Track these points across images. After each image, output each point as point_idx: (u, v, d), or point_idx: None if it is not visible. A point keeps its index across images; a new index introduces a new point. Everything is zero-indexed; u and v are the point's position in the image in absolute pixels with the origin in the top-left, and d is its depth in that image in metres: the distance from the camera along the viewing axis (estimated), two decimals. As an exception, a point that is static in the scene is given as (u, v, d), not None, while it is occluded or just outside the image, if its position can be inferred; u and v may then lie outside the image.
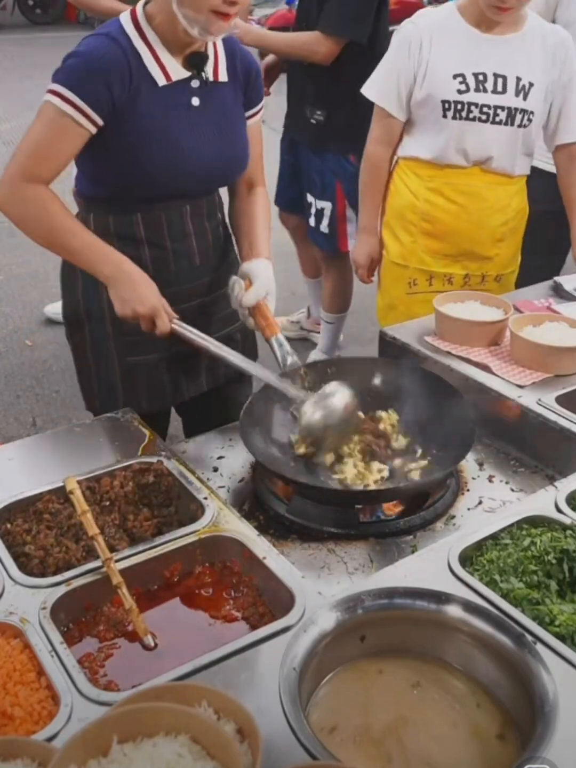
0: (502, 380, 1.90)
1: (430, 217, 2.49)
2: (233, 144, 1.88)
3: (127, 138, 1.73)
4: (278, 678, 1.13)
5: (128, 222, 1.83)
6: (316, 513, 1.61)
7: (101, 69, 1.67)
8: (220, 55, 1.83)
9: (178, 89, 1.76)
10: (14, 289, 4.72)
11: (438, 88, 2.36)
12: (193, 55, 1.76)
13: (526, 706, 1.12)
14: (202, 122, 1.80)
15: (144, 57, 1.71)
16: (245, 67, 1.88)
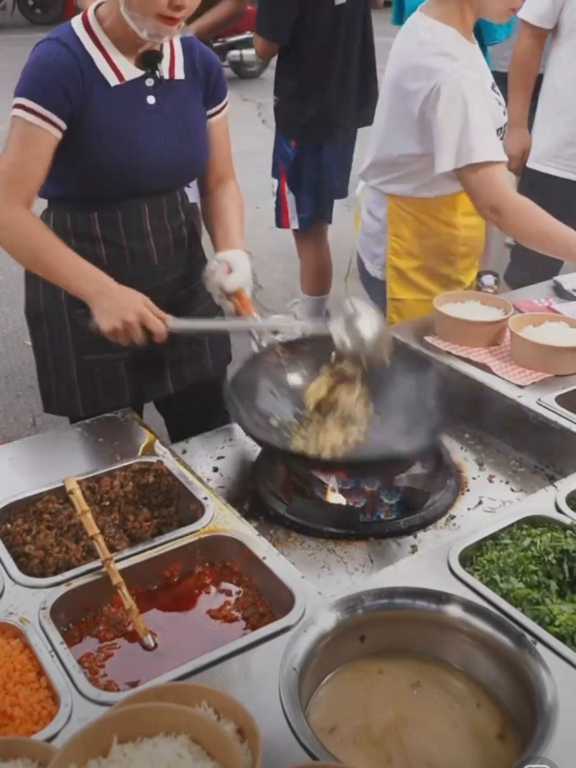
0: (502, 380, 1.90)
1: (467, 240, 2.43)
2: (192, 142, 1.88)
3: (83, 138, 1.74)
4: (278, 678, 1.13)
5: (85, 220, 1.84)
6: (316, 513, 1.61)
7: (54, 73, 1.70)
8: (177, 52, 1.83)
9: (132, 88, 1.77)
10: (14, 289, 4.71)
11: (495, 117, 2.22)
12: (146, 54, 1.77)
13: (526, 706, 1.12)
14: (158, 121, 1.80)
15: (95, 58, 1.73)
16: (205, 64, 1.88)
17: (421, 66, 2.15)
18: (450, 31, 2.17)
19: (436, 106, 2.11)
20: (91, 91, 1.73)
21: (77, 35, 1.74)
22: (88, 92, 1.72)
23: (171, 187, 1.92)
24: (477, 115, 2.10)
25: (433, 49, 2.15)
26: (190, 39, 1.88)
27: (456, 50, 2.15)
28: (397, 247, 2.39)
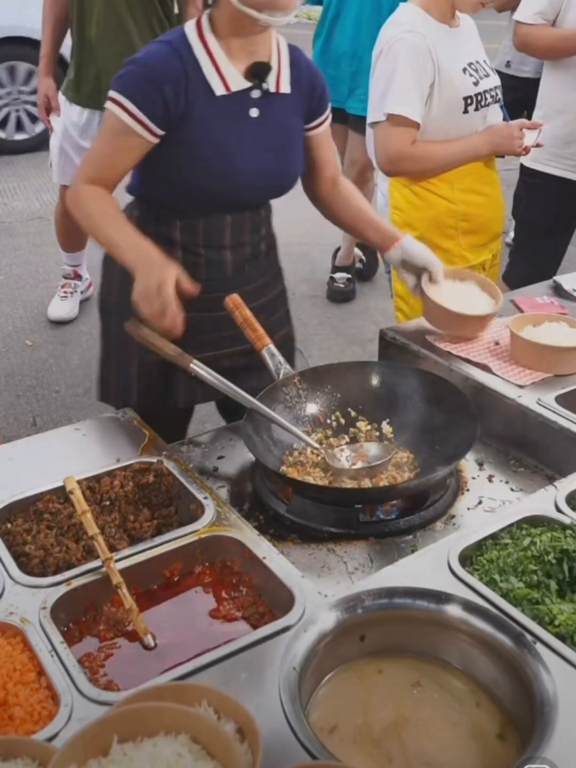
0: (502, 380, 1.90)
1: (467, 216, 2.52)
2: (287, 158, 1.85)
3: (181, 146, 1.72)
4: (278, 678, 1.13)
5: (167, 224, 1.83)
6: (316, 513, 1.61)
7: (157, 79, 1.66)
8: (284, 66, 1.80)
9: (237, 99, 1.74)
10: (14, 289, 4.72)
11: (456, 86, 2.38)
12: (256, 65, 1.74)
13: (526, 706, 1.12)
14: (258, 135, 1.78)
15: (203, 66, 1.70)
16: (310, 76, 1.85)
17: (379, 37, 2.43)
18: (414, 9, 2.39)
19: (376, 65, 2.42)
20: (195, 99, 1.69)
21: (188, 40, 1.70)
22: (192, 100, 1.69)
23: (258, 203, 1.91)
24: (403, 74, 2.32)
25: (391, 21, 2.42)
26: (296, 50, 1.85)
27: (406, 20, 2.37)
28: (397, 219, 2.53)
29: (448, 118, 2.41)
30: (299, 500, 1.62)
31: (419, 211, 2.51)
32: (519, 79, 4.36)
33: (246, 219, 1.87)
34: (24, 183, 6.36)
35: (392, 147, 2.40)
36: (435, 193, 2.49)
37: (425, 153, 2.42)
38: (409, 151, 2.39)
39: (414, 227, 2.50)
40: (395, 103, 2.34)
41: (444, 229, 2.52)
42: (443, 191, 2.49)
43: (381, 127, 2.40)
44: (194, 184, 1.75)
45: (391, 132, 2.38)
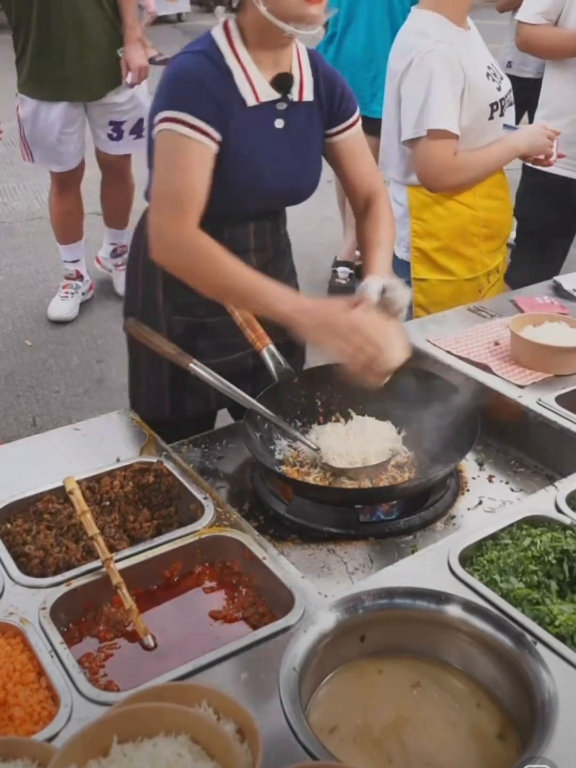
0: (502, 380, 1.90)
1: (488, 222, 2.50)
2: (308, 166, 1.84)
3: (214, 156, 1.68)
4: (278, 678, 1.13)
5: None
6: (316, 513, 1.61)
7: (204, 84, 1.63)
8: (306, 74, 1.78)
9: (265, 110, 1.72)
10: (14, 289, 4.72)
11: (484, 92, 2.34)
12: (280, 77, 1.71)
13: (526, 706, 1.12)
14: (282, 146, 1.76)
15: (236, 75, 1.67)
16: (328, 82, 1.82)
17: (401, 47, 2.36)
18: (434, 16, 2.33)
19: (405, 77, 2.31)
20: (231, 108, 1.67)
21: (219, 48, 1.67)
22: (230, 109, 1.66)
23: (280, 209, 1.91)
24: (440, 86, 2.25)
25: (413, 30, 2.35)
26: (315, 56, 1.81)
27: (432, 29, 2.30)
28: (419, 229, 2.49)
29: (476, 126, 2.36)
30: (299, 500, 1.62)
31: (443, 221, 2.47)
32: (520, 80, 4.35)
33: (267, 224, 1.88)
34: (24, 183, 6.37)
35: (435, 161, 2.32)
36: (458, 201, 2.45)
37: (468, 162, 2.35)
38: (453, 163, 2.32)
39: (437, 237, 2.47)
40: (436, 118, 2.27)
41: (468, 237, 2.49)
42: (466, 199, 2.45)
43: (423, 144, 2.31)
44: (220, 193, 1.70)
45: (433, 147, 2.30)
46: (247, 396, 1.72)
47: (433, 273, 2.52)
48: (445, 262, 2.51)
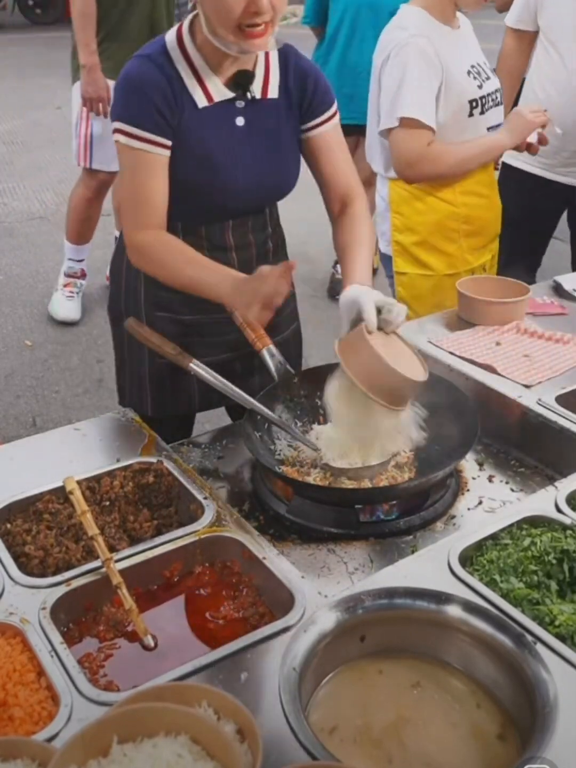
0: (503, 380, 1.90)
1: (469, 219, 2.51)
2: (280, 164, 1.82)
3: (171, 157, 1.70)
4: (278, 678, 1.13)
5: (171, 227, 1.79)
6: (316, 513, 1.61)
7: (145, 93, 1.65)
8: (272, 70, 1.76)
9: (222, 110, 1.72)
10: (14, 289, 4.72)
11: (462, 89, 2.36)
12: (238, 74, 1.71)
13: (526, 706, 1.12)
14: (247, 142, 1.75)
15: (185, 78, 1.68)
16: (299, 76, 1.79)
17: (382, 41, 2.39)
18: (417, 11, 2.36)
19: (383, 71, 2.35)
20: (182, 112, 1.68)
21: (168, 52, 1.68)
22: (180, 113, 1.68)
23: (258, 208, 1.88)
24: (413, 76, 2.28)
25: (393, 24, 2.38)
26: (287, 49, 1.79)
27: (410, 23, 2.34)
28: (398, 223, 2.51)
29: (453, 122, 2.38)
30: (299, 500, 1.62)
31: (422, 216, 2.48)
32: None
33: (248, 221, 1.86)
34: (24, 183, 6.37)
35: (409, 150, 2.34)
36: (437, 196, 2.47)
37: (445, 153, 2.36)
38: (426, 152, 2.34)
39: (416, 231, 2.49)
40: (408, 106, 2.29)
41: (447, 232, 2.50)
42: (446, 195, 2.46)
43: (395, 133, 2.34)
44: (184, 193, 1.73)
45: (406, 136, 2.33)
46: (247, 396, 1.72)
47: (413, 267, 2.54)
48: (424, 256, 2.53)
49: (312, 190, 1.96)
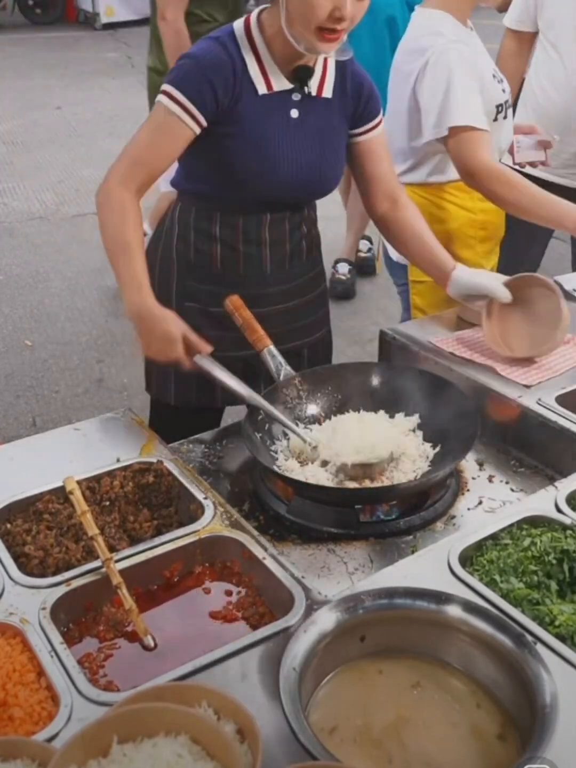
0: (503, 380, 1.90)
1: (485, 224, 2.50)
2: (328, 160, 1.87)
3: (223, 140, 1.75)
4: (278, 678, 1.13)
5: (207, 218, 1.86)
6: (316, 513, 1.61)
7: (207, 71, 1.70)
8: (329, 71, 1.83)
9: (279, 100, 1.78)
10: (14, 289, 4.72)
11: (492, 93, 2.34)
12: (299, 68, 1.77)
13: (526, 706, 1.12)
14: (298, 135, 1.80)
15: (249, 64, 1.74)
16: (356, 83, 1.87)
17: (414, 48, 2.30)
18: (443, 15, 2.30)
19: (423, 78, 2.25)
20: (240, 95, 1.73)
21: (236, 38, 1.74)
22: (238, 96, 1.73)
23: (299, 203, 1.92)
24: (460, 83, 2.21)
25: (426, 30, 2.29)
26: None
27: (446, 28, 2.27)
28: None
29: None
30: (299, 500, 1.62)
31: (441, 224, 2.45)
32: (519, 80, 4.36)
33: (285, 217, 1.89)
34: (24, 183, 6.37)
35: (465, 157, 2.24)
36: (457, 204, 2.45)
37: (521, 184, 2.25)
38: (501, 171, 2.25)
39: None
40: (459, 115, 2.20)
41: (464, 239, 2.49)
42: (465, 202, 2.44)
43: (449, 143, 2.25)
44: (233, 179, 1.78)
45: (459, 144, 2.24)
46: (246, 388, 1.71)
47: None
48: None
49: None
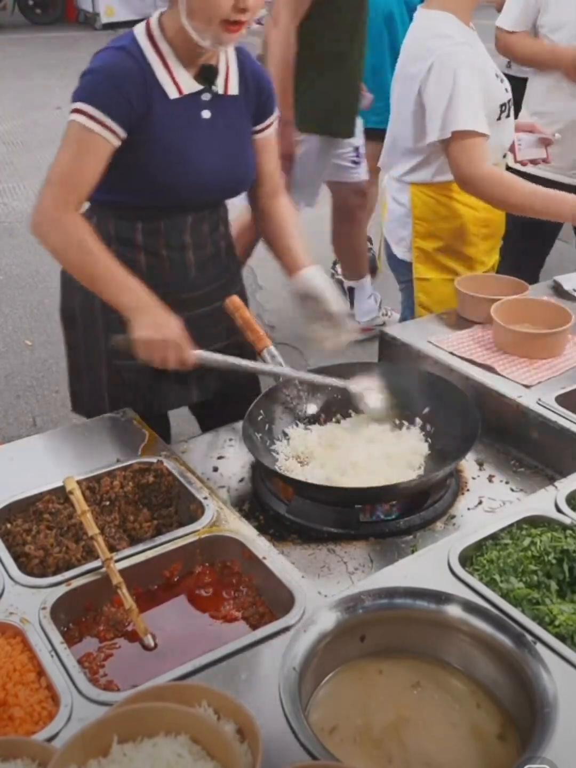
0: (503, 380, 1.90)
1: (487, 221, 2.50)
2: (240, 158, 1.88)
3: (140, 149, 1.74)
4: (278, 678, 1.13)
5: (129, 228, 1.84)
6: (316, 513, 1.61)
7: (119, 82, 1.69)
8: (232, 68, 1.83)
9: (190, 102, 1.77)
10: (14, 289, 4.72)
11: (494, 93, 2.34)
12: (204, 68, 1.77)
13: (526, 706, 1.12)
14: (211, 135, 1.81)
15: (156, 69, 1.72)
16: (256, 79, 1.88)
17: (419, 50, 2.30)
18: (447, 16, 2.30)
19: (428, 80, 2.26)
20: (152, 101, 1.72)
21: (140, 45, 1.73)
22: (150, 103, 1.72)
23: (217, 202, 1.93)
24: (465, 87, 2.22)
25: (431, 32, 2.29)
26: (243, 52, 1.87)
27: (451, 31, 2.27)
28: (421, 229, 2.49)
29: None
30: (299, 500, 1.62)
31: (446, 222, 2.47)
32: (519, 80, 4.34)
33: (205, 218, 1.90)
34: (24, 183, 6.37)
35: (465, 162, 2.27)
36: (461, 202, 2.44)
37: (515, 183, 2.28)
38: (496, 174, 2.28)
39: (439, 237, 2.49)
40: (464, 119, 2.22)
41: (468, 237, 2.50)
42: (468, 199, 2.43)
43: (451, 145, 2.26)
44: (154, 184, 1.77)
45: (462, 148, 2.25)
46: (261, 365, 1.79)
47: (435, 272, 2.53)
48: (447, 261, 2.52)
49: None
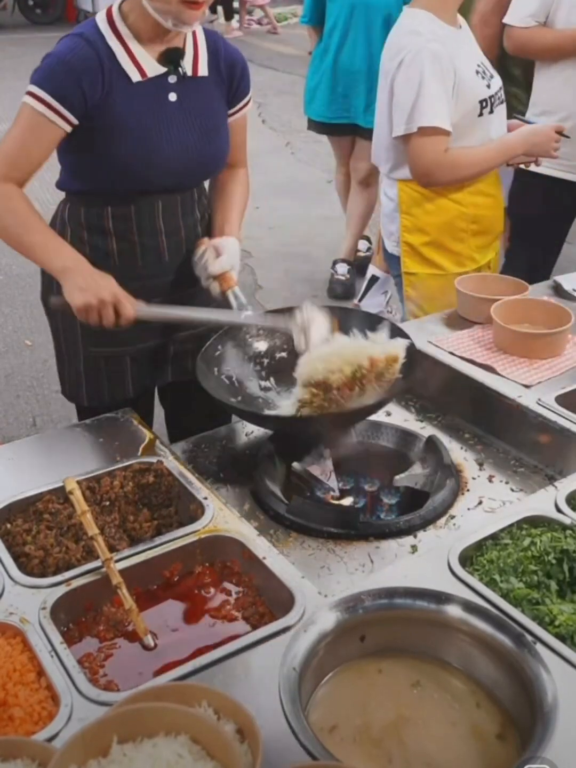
0: (503, 380, 1.90)
1: (477, 218, 2.52)
2: (212, 139, 1.88)
3: (103, 134, 1.75)
4: (278, 678, 1.13)
5: (98, 214, 1.85)
6: (316, 513, 1.61)
7: (73, 68, 1.70)
8: (201, 50, 1.84)
9: (155, 85, 1.78)
10: (14, 289, 4.72)
11: (473, 90, 2.36)
12: (169, 51, 1.78)
13: (526, 706, 1.12)
14: (180, 118, 1.81)
15: (118, 54, 1.74)
16: (229, 61, 1.88)
17: (393, 45, 2.39)
18: (424, 14, 2.36)
19: (397, 76, 2.33)
20: (111, 86, 1.73)
21: (100, 31, 1.74)
22: (108, 88, 1.73)
23: (187, 186, 1.92)
24: (431, 84, 2.27)
25: (405, 29, 2.37)
26: (214, 35, 1.89)
27: (424, 28, 2.33)
28: (408, 224, 2.52)
29: (465, 123, 2.37)
30: (299, 500, 1.62)
31: (431, 216, 2.49)
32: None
33: (177, 203, 1.90)
34: (24, 183, 6.36)
35: (427, 158, 2.34)
36: (447, 197, 2.47)
37: (462, 159, 2.38)
38: (446, 160, 2.35)
39: (426, 232, 2.51)
40: (427, 115, 2.29)
41: (455, 232, 2.51)
42: (455, 195, 2.47)
43: (415, 141, 2.34)
44: (116, 170, 1.78)
45: (425, 143, 2.33)
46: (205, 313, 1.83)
47: (423, 267, 2.56)
48: (434, 256, 2.54)
49: (312, 190, 1.97)
